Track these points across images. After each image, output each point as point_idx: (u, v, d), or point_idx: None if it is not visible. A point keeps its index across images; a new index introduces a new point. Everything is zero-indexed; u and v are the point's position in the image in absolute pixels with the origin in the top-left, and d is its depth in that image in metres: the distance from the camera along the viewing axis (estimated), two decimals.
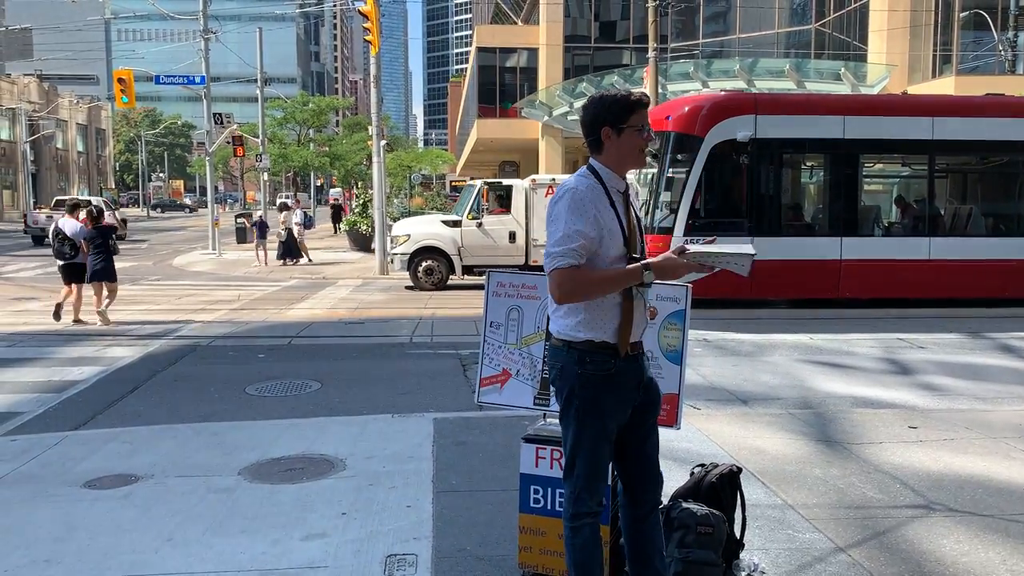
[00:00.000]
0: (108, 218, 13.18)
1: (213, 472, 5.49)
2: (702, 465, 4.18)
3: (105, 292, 12.69)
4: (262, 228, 24.42)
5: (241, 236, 31.51)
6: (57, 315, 12.50)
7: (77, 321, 12.67)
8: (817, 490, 5.14)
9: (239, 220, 33.33)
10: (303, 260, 24.00)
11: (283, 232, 23.95)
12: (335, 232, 38.74)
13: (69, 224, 12.85)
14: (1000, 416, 7.08)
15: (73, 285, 12.70)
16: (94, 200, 28.20)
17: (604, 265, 3.10)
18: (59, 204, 13.99)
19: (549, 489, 3.86)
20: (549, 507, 3.86)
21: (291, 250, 23.75)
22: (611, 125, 3.14)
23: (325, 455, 5.81)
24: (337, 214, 41.11)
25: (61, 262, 12.83)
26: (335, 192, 66.58)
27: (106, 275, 12.68)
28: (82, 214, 13.06)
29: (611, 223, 3.12)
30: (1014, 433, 6.43)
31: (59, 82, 66.01)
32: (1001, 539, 4.40)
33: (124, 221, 37.53)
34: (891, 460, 5.71)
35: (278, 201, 35.50)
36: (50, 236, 13.20)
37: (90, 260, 12.60)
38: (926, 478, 5.36)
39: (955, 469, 5.54)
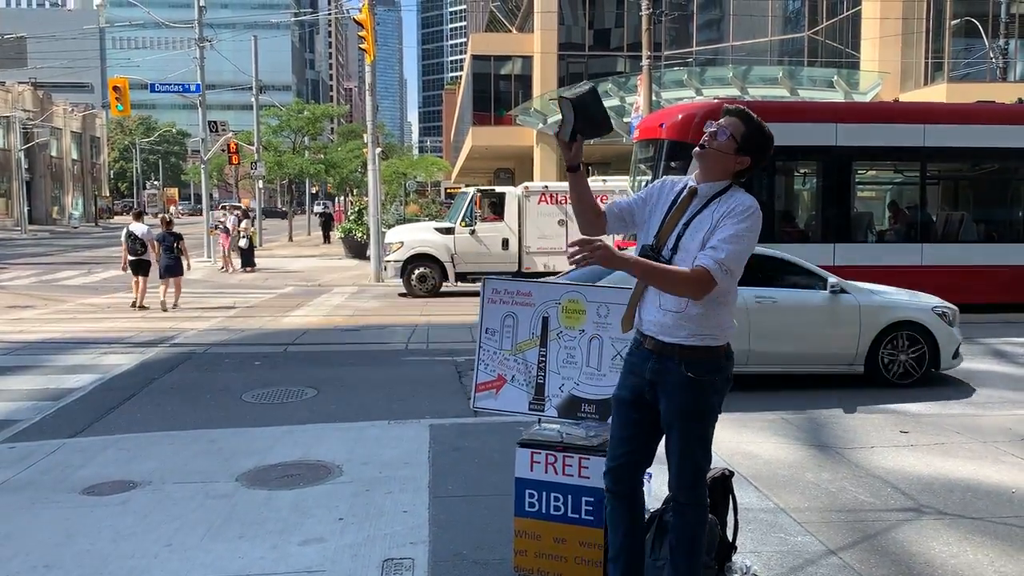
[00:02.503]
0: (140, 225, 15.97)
1: (211, 478, 5.53)
2: None
3: (171, 286, 15.58)
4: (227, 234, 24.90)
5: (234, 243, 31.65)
6: (134, 304, 15.27)
7: (141, 307, 15.22)
8: (809, 494, 5.20)
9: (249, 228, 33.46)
10: (237, 268, 24.51)
11: (244, 240, 24.28)
12: (325, 241, 38.61)
13: (139, 227, 15.53)
14: (990, 421, 7.15)
15: (140, 277, 15.35)
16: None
17: (640, 229, 3.40)
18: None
19: (544, 493, 3.92)
20: (544, 511, 3.91)
21: (249, 258, 24.21)
22: None
23: (322, 461, 5.85)
24: (327, 223, 40.87)
25: (132, 258, 15.41)
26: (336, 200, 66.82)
27: (175, 271, 15.64)
28: (148, 220, 16.11)
29: (661, 210, 3.33)
30: (1004, 437, 6.50)
31: (54, 90, 66.02)
32: (990, 541, 4.46)
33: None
34: (882, 464, 5.78)
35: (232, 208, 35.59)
36: (123, 237, 15.69)
37: (162, 258, 15.52)
38: (916, 482, 5.42)
39: (945, 473, 5.60)
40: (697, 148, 3.24)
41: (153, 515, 4.90)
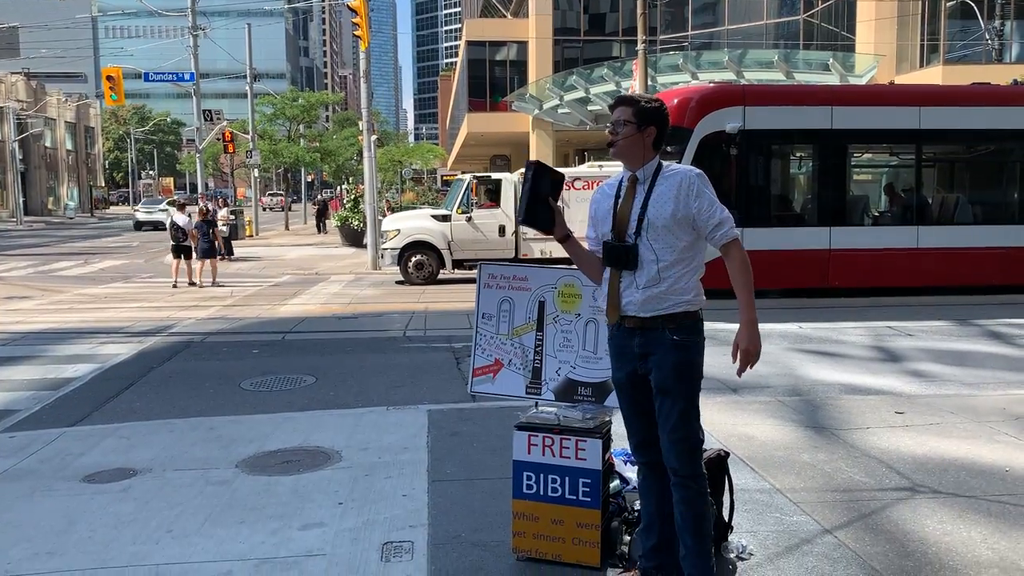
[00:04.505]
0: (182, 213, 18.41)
1: (211, 465, 5.57)
2: None
3: (208, 266, 17.99)
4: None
5: (232, 233, 31.50)
6: (175, 284, 17.54)
7: (192, 284, 17.63)
8: (805, 474, 5.24)
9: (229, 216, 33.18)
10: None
11: (224, 229, 24.46)
12: (319, 231, 37.93)
13: (180, 218, 17.80)
14: (985, 401, 7.20)
15: (181, 259, 17.64)
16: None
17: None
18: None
19: (541, 475, 3.95)
20: (542, 492, 3.95)
21: (228, 247, 24.50)
22: None
23: (321, 447, 5.88)
24: (323, 213, 40.14)
25: (174, 243, 17.70)
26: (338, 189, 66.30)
27: (210, 253, 18.04)
28: (188, 210, 19.18)
29: (605, 210, 3.59)
30: (998, 417, 6.54)
31: (47, 80, 65.64)
32: (983, 518, 4.51)
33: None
34: (878, 445, 5.82)
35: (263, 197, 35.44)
36: (167, 226, 18.17)
37: (200, 242, 17.79)
38: (911, 461, 5.46)
39: (940, 452, 5.65)
40: (611, 150, 3.55)
41: (154, 502, 4.93)
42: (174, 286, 17.38)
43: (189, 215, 18.70)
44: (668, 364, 3.44)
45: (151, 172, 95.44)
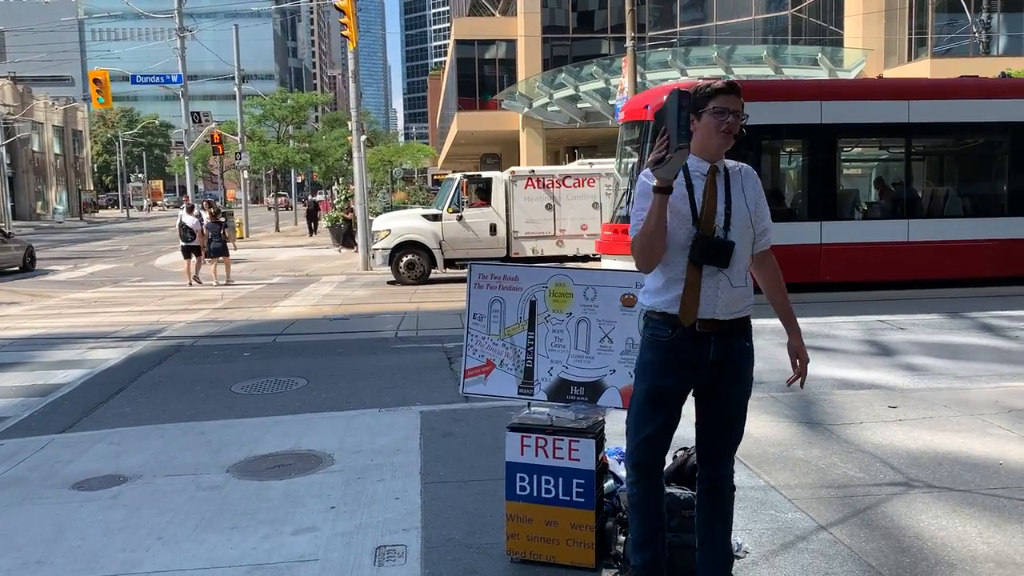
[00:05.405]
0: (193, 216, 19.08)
1: (201, 470, 5.51)
2: (684, 448, 4.23)
3: (221, 264, 18.76)
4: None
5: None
6: (190, 283, 18.40)
7: (196, 281, 18.64)
8: (799, 471, 5.22)
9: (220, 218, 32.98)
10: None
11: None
12: (310, 233, 37.58)
13: (189, 219, 18.70)
14: (978, 394, 7.19)
15: (192, 258, 18.60)
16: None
17: (673, 243, 3.23)
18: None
19: (535, 476, 3.92)
20: (535, 494, 3.92)
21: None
22: (695, 112, 3.26)
23: (313, 451, 5.84)
24: (313, 214, 39.06)
25: (183, 243, 18.71)
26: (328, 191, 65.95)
27: (221, 252, 18.77)
28: (195, 211, 19.34)
29: (680, 204, 3.23)
30: (992, 410, 6.54)
31: (34, 84, 65.18)
32: (978, 512, 4.49)
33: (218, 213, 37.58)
34: (871, 440, 5.81)
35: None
36: (176, 227, 19.25)
37: (210, 242, 18.60)
38: (906, 456, 5.45)
39: (934, 446, 5.63)
40: (732, 136, 3.28)
41: (144, 508, 4.88)
42: (189, 284, 18.34)
43: (198, 216, 18.96)
44: (744, 375, 3.39)
45: (140, 175, 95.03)
